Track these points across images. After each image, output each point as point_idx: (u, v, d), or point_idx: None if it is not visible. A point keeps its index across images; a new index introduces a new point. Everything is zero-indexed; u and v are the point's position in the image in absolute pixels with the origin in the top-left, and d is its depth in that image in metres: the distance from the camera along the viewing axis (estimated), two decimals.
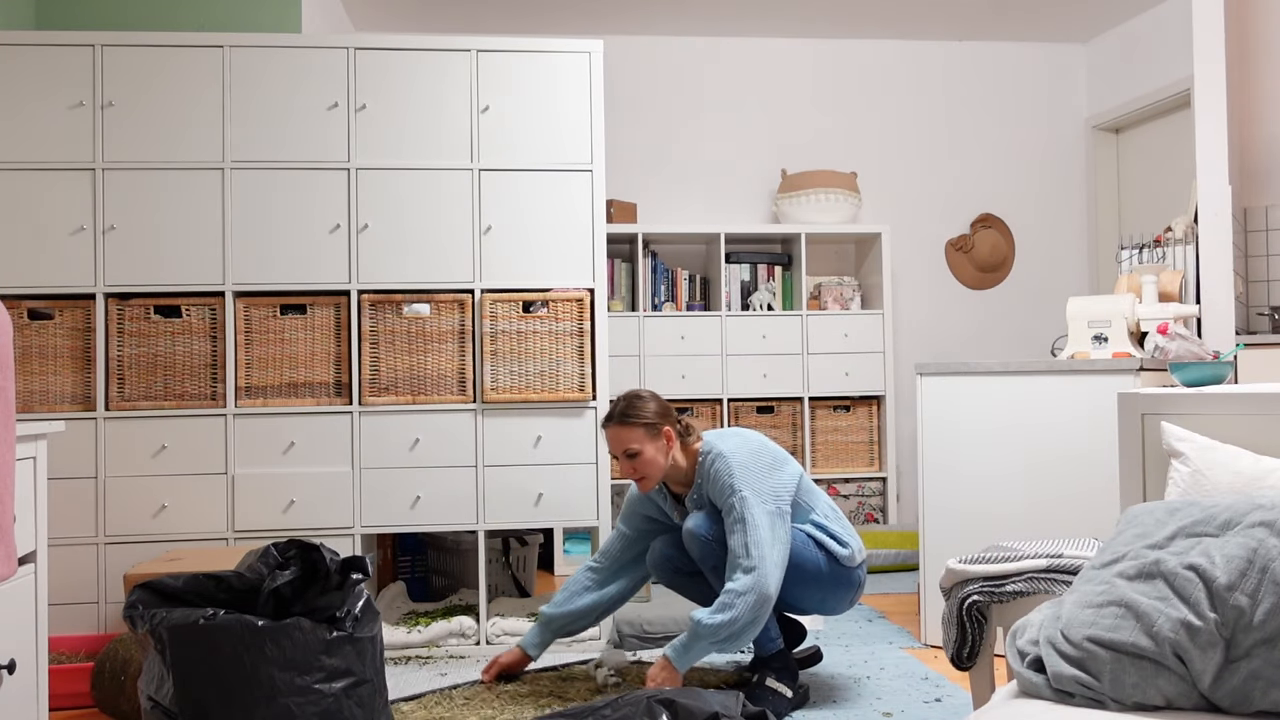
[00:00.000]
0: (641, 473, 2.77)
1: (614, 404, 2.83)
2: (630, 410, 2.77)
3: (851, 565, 2.77)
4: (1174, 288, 3.55)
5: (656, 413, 2.78)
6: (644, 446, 2.75)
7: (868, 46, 5.44)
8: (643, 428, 2.75)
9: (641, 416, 2.76)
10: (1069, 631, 1.50)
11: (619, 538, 2.99)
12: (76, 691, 2.76)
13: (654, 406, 2.79)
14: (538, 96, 3.38)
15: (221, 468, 3.23)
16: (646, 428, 2.75)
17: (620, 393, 2.92)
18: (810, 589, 2.75)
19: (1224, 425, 1.96)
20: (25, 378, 3.16)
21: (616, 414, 2.78)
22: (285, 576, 2.27)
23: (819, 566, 2.73)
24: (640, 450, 2.75)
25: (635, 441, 2.75)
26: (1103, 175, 5.49)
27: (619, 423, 2.77)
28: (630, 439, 2.75)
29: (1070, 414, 3.13)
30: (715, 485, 2.69)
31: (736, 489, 2.63)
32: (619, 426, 2.77)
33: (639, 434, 2.75)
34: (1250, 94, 4.23)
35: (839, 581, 2.76)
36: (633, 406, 2.77)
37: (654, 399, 2.82)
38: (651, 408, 2.78)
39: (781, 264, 5.08)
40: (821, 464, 4.98)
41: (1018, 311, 5.51)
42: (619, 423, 2.77)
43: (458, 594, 3.75)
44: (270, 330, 3.28)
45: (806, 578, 2.73)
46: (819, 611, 2.83)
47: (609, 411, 2.83)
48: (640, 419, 2.75)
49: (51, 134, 3.20)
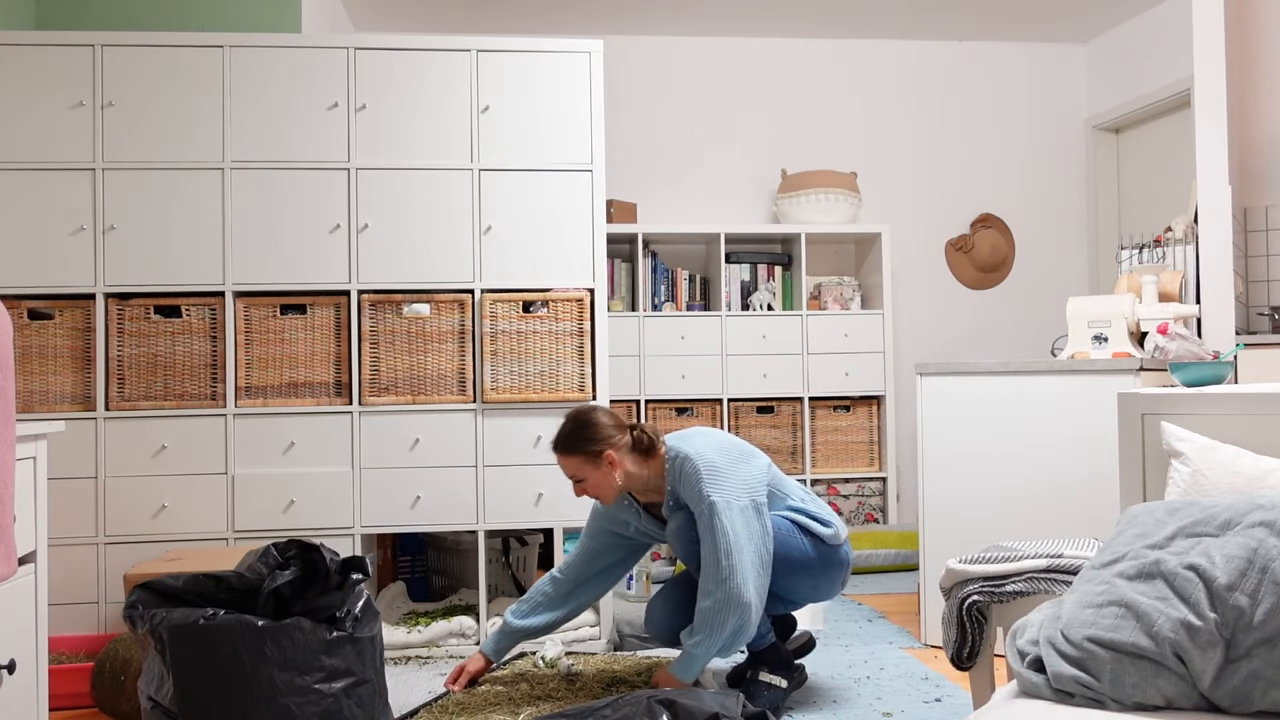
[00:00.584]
0: (594, 494, 2.73)
1: (561, 427, 2.75)
2: (569, 438, 2.70)
3: (837, 544, 2.75)
4: (1174, 288, 3.55)
5: (596, 438, 2.69)
6: (587, 474, 2.70)
7: (868, 46, 5.44)
8: (581, 456, 2.69)
9: (579, 447, 2.69)
10: (1069, 631, 1.50)
11: (584, 551, 2.91)
12: (76, 691, 2.76)
13: (591, 433, 2.70)
14: (538, 96, 3.38)
15: (221, 468, 3.23)
16: (586, 456, 2.68)
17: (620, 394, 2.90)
18: (801, 578, 2.72)
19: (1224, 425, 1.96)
20: (25, 378, 3.16)
21: (559, 441, 2.72)
22: (285, 576, 2.27)
23: (806, 553, 2.71)
24: (584, 477, 2.71)
25: (576, 469, 2.70)
26: (1103, 175, 5.49)
27: (559, 450, 2.72)
28: (570, 467, 2.71)
29: (1070, 414, 3.13)
30: (687, 488, 2.64)
31: (705, 495, 2.58)
32: (561, 455, 2.72)
33: (577, 461, 2.69)
34: (1250, 94, 4.23)
35: (828, 564, 2.74)
36: (574, 434, 2.70)
37: (595, 422, 2.72)
38: (588, 435, 2.69)
39: (781, 264, 5.08)
40: (821, 464, 4.98)
41: (1018, 311, 5.51)
42: (559, 450, 2.72)
43: (458, 594, 3.75)
44: (270, 330, 3.28)
45: (796, 567, 2.70)
46: (813, 599, 2.80)
47: (555, 436, 2.75)
48: (578, 450, 2.69)
49: (51, 134, 3.20)
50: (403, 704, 2.73)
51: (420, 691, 2.87)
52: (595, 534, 2.91)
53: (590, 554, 2.90)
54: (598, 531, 2.90)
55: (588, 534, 2.92)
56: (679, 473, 2.65)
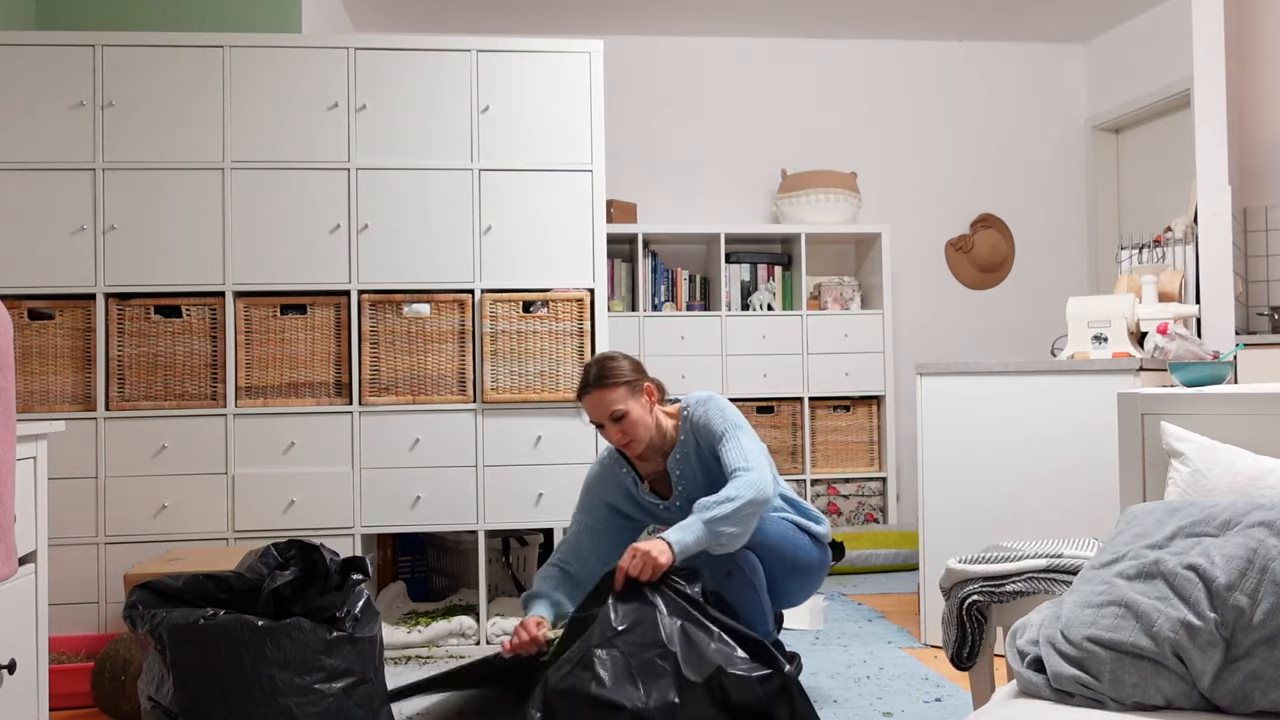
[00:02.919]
0: (630, 434, 2.60)
1: (587, 368, 2.66)
2: (606, 372, 2.60)
3: (825, 541, 2.76)
4: (1174, 288, 3.55)
5: (633, 369, 2.64)
6: (629, 406, 2.59)
7: (867, 46, 5.43)
8: (624, 386, 2.59)
9: (620, 375, 2.60)
10: (1069, 631, 1.50)
11: (587, 533, 2.73)
12: (76, 691, 2.76)
13: (628, 364, 2.64)
14: (538, 96, 3.38)
15: (222, 468, 3.23)
16: (628, 385, 2.60)
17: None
18: (807, 578, 2.70)
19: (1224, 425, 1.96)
20: (25, 378, 3.16)
21: (593, 378, 2.61)
22: (285, 577, 2.27)
23: (811, 555, 2.69)
24: (626, 410, 2.58)
25: (619, 402, 2.58)
26: (1103, 175, 5.49)
27: (597, 386, 2.59)
28: (613, 401, 2.58)
29: (1070, 414, 3.13)
30: (707, 428, 2.60)
31: (733, 423, 2.57)
32: (599, 390, 2.59)
33: (621, 393, 2.58)
34: (1250, 94, 4.23)
35: (823, 564, 2.75)
36: (607, 368, 2.61)
37: (625, 357, 2.67)
38: (626, 365, 2.63)
39: (781, 264, 5.08)
40: (821, 464, 4.98)
41: (1018, 311, 5.51)
42: (597, 386, 2.59)
43: (458, 594, 3.75)
44: (270, 330, 3.28)
45: (804, 568, 2.68)
46: (797, 602, 2.76)
47: (583, 379, 2.64)
48: (620, 378, 2.59)
49: (51, 134, 3.20)
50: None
51: None
52: (592, 508, 2.76)
53: (594, 535, 2.73)
54: (594, 505, 2.76)
55: (584, 511, 2.76)
56: (699, 416, 2.63)
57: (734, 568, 2.54)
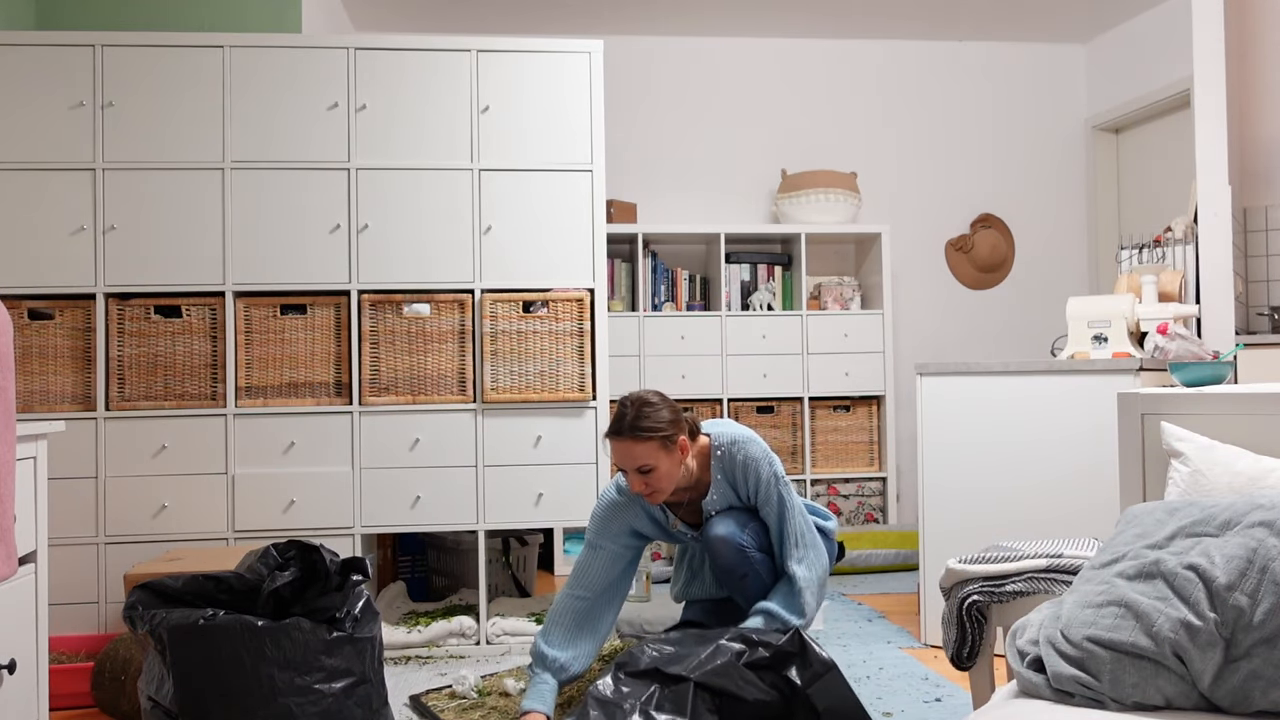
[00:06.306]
0: (654, 487, 2.47)
1: (622, 411, 2.48)
2: (641, 422, 2.43)
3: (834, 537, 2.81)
4: (1174, 288, 3.55)
5: (670, 421, 2.47)
6: (658, 462, 2.44)
7: (868, 46, 5.44)
8: (658, 441, 2.43)
9: (656, 431, 2.43)
10: (1069, 631, 1.50)
11: (603, 561, 2.56)
12: (76, 691, 2.76)
13: (666, 414, 2.47)
14: (538, 96, 3.38)
15: (221, 468, 3.23)
16: (662, 441, 2.44)
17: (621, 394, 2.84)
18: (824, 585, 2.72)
19: (1224, 425, 1.96)
20: (25, 378, 3.16)
21: (626, 426, 2.44)
22: (285, 577, 2.27)
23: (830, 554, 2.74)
24: (655, 466, 2.44)
25: (648, 457, 2.43)
26: (1103, 175, 5.49)
27: (631, 436, 2.43)
28: (643, 455, 2.43)
29: (1070, 414, 3.13)
30: (748, 473, 2.52)
31: (778, 475, 2.54)
32: (631, 440, 2.43)
33: (652, 448, 2.43)
34: (1250, 94, 4.23)
35: (832, 561, 2.78)
36: (644, 416, 2.43)
37: (664, 403, 2.49)
38: (664, 416, 2.46)
39: (781, 264, 5.08)
40: (821, 464, 4.98)
41: (1018, 311, 5.51)
42: (631, 436, 2.43)
43: (458, 594, 3.75)
44: (270, 330, 3.28)
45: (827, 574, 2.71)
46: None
47: (617, 421, 2.47)
48: (655, 434, 2.43)
49: (51, 134, 3.20)
50: (403, 703, 2.73)
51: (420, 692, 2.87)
52: (612, 535, 2.59)
53: (610, 559, 2.58)
54: (614, 533, 2.59)
55: (601, 537, 2.59)
56: (737, 458, 2.55)
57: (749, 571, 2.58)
